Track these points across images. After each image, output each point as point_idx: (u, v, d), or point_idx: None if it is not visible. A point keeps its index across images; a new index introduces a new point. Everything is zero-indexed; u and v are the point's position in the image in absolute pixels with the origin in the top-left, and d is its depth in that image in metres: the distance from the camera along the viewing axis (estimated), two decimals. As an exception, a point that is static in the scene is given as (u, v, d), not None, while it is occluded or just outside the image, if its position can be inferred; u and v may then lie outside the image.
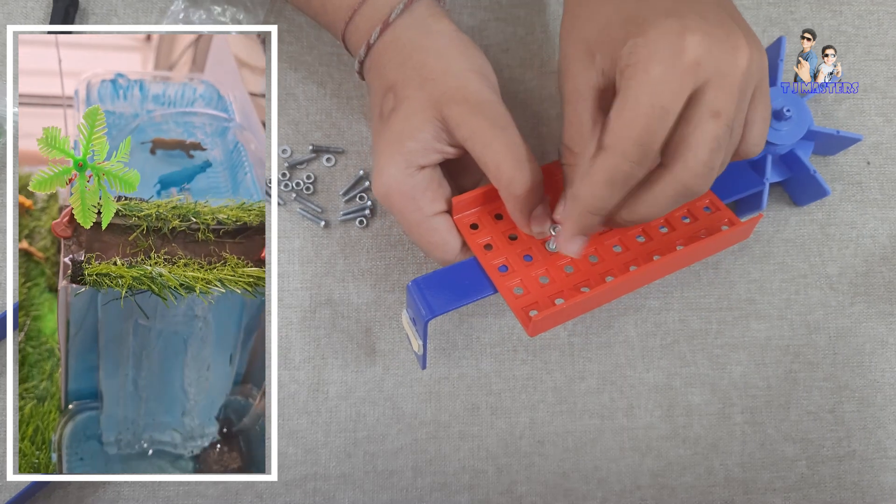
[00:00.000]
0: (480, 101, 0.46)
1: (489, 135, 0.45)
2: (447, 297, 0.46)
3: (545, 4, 0.61)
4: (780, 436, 0.56)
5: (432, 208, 0.47)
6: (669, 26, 0.39)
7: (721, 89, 0.39)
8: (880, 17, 0.61)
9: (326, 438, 0.54)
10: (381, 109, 0.49)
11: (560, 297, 0.46)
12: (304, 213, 0.57)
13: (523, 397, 0.55)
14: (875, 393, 0.56)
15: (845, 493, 0.55)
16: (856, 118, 0.60)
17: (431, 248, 0.48)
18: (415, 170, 0.47)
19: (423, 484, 0.54)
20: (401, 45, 0.48)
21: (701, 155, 0.39)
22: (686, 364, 0.56)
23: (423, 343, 0.48)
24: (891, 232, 0.58)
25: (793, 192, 0.58)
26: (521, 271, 0.47)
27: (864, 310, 0.57)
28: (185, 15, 0.58)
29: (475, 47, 0.50)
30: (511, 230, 0.49)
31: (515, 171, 0.45)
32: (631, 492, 0.55)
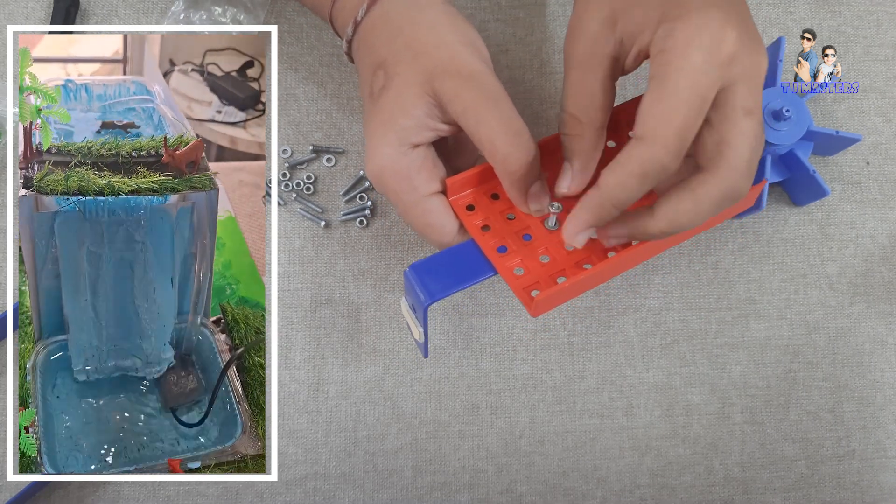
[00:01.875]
0: (473, 72, 0.44)
1: (482, 108, 0.43)
2: (446, 280, 0.44)
3: (545, 6, 0.62)
4: (780, 435, 0.56)
5: (427, 188, 0.46)
6: (712, 16, 0.37)
7: (751, 88, 0.38)
8: (879, 17, 0.62)
9: (326, 438, 0.55)
10: (371, 88, 0.47)
11: (562, 275, 0.45)
12: (305, 213, 0.57)
13: (523, 397, 0.55)
14: (874, 393, 0.56)
15: (845, 493, 0.55)
16: (855, 118, 0.60)
17: (427, 230, 0.46)
18: (408, 148, 0.45)
19: (423, 483, 0.54)
20: (389, 20, 0.47)
21: (744, 153, 0.38)
22: (685, 364, 0.56)
23: (424, 330, 0.46)
24: (890, 232, 0.58)
25: (792, 192, 0.58)
26: (520, 251, 0.46)
27: (863, 310, 0.57)
28: (186, 15, 0.58)
29: (465, 20, 0.48)
30: (508, 209, 0.47)
31: (511, 146, 0.43)
32: (630, 491, 0.55)
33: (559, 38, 0.61)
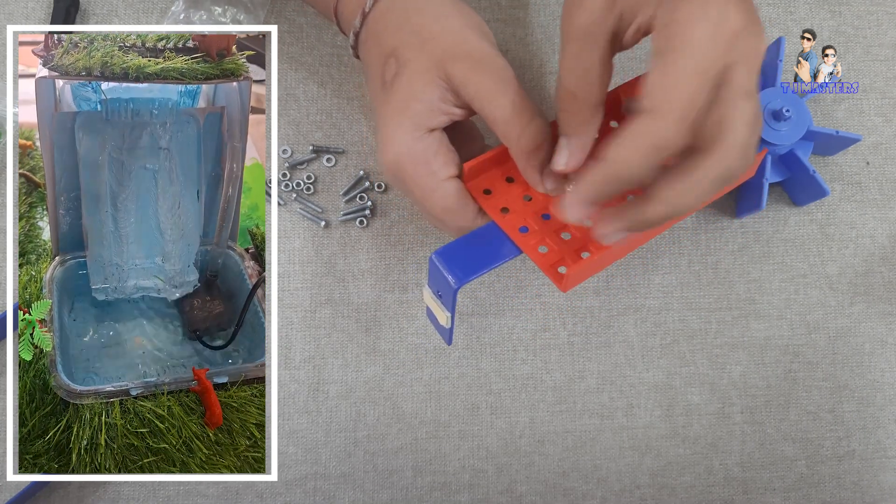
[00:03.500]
0: (482, 56, 0.45)
1: (494, 90, 0.44)
2: (473, 263, 0.44)
3: (544, 5, 0.62)
4: (780, 435, 0.56)
5: (445, 172, 0.46)
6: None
7: (750, 70, 0.38)
8: (879, 17, 0.62)
9: (327, 438, 0.55)
10: (384, 77, 0.47)
11: (585, 250, 0.46)
12: (305, 213, 0.57)
13: (523, 397, 0.55)
14: (874, 393, 0.56)
15: (844, 493, 0.55)
16: (855, 118, 0.60)
17: (448, 214, 0.46)
18: (424, 133, 0.45)
19: (424, 483, 0.54)
20: (397, 9, 0.47)
21: (742, 134, 0.38)
22: (685, 364, 0.56)
23: (452, 315, 0.46)
24: (890, 232, 0.58)
25: (792, 192, 0.58)
26: (541, 230, 0.46)
27: (863, 310, 0.57)
28: (186, 15, 0.58)
29: (468, 6, 0.49)
30: (525, 191, 0.48)
31: (524, 125, 0.43)
32: (630, 491, 0.55)
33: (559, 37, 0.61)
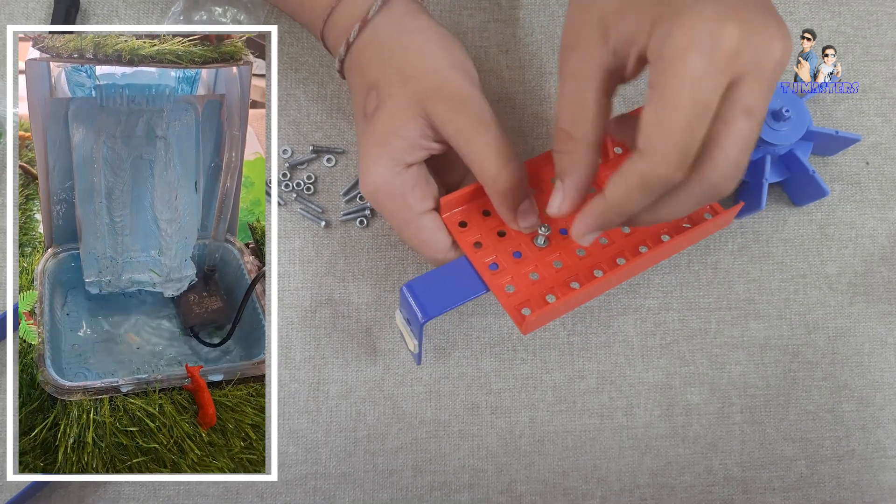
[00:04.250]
0: (464, 97, 0.46)
1: (473, 132, 0.45)
2: (441, 299, 0.46)
3: (544, 6, 0.62)
4: (780, 435, 0.56)
5: (421, 206, 0.47)
6: (706, 12, 0.35)
7: (756, 84, 0.36)
8: (879, 17, 0.62)
9: (327, 438, 0.55)
10: (365, 109, 0.48)
11: (551, 293, 0.47)
12: (305, 214, 0.57)
13: (523, 396, 0.56)
14: (874, 392, 0.56)
15: (844, 493, 0.55)
16: (855, 118, 0.60)
17: (422, 246, 0.48)
18: (402, 168, 0.46)
19: (423, 483, 0.54)
20: (380, 43, 0.48)
21: (732, 155, 0.37)
22: (685, 363, 0.56)
23: (419, 342, 0.48)
24: (890, 232, 0.58)
25: (791, 193, 0.58)
26: (511, 269, 0.47)
27: (863, 310, 0.57)
28: (186, 15, 0.58)
29: (455, 41, 0.49)
30: (499, 226, 0.49)
31: (500, 167, 0.44)
32: (630, 491, 0.55)
33: (559, 38, 0.61)
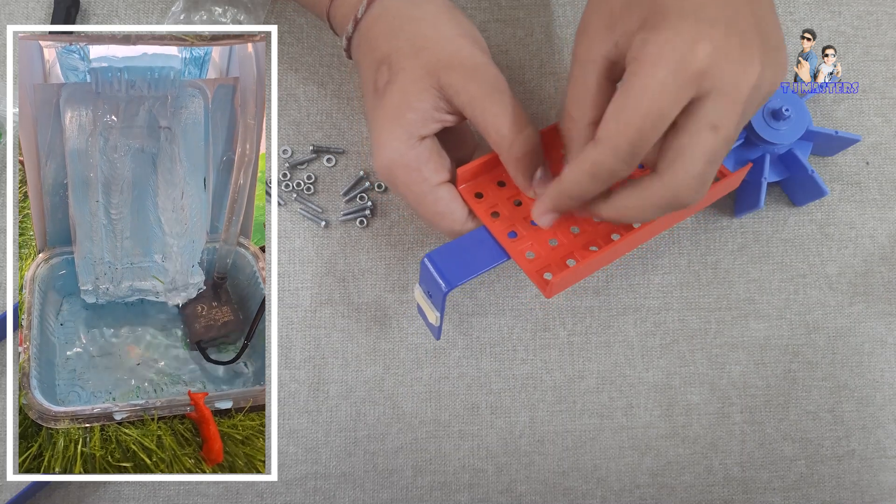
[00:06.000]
0: (475, 65, 0.46)
1: (487, 100, 0.45)
2: (463, 268, 0.45)
3: (545, 6, 0.62)
4: (779, 435, 0.56)
5: (437, 178, 0.47)
6: (684, 29, 0.37)
7: (724, 103, 0.38)
8: (879, 17, 0.62)
9: (327, 438, 0.55)
10: (375, 84, 0.48)
11: (571, 257, 0.47)
12: (305, 213, 0.57)
13: (523, 396, 0.56)
14: (874, 392, 0.56)
15: (844, 493, 0.55)
16: (854, 118, 0.60)
17: (438, 218, 0.48)
18: (416, 140, 0.46)
19: (424, 483, 0.54)
20: (390, 16, 0.48)
21: (694, 167, 0.39)
22: (685, 363, 0.56)
23: (441, 315, 0.47)
24: (889, 232, 0.58)
25: (791, 192, 0.58)
26: (530, 236, 0.47)
27: (863, 309, 0.57)
28: (186, 15, 0.58)
29: (462, 13, 0.49)
30: (515, 196, 0.49)
31: (515, 133, 0.45)
32: (630, 490, 0.55)
33: (559, 38, 0.61)
